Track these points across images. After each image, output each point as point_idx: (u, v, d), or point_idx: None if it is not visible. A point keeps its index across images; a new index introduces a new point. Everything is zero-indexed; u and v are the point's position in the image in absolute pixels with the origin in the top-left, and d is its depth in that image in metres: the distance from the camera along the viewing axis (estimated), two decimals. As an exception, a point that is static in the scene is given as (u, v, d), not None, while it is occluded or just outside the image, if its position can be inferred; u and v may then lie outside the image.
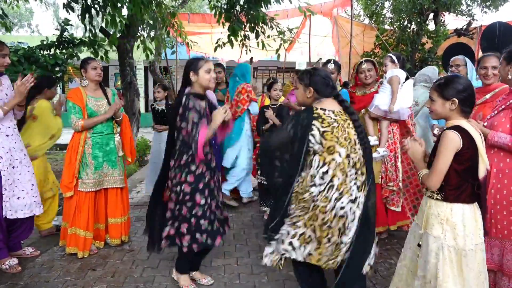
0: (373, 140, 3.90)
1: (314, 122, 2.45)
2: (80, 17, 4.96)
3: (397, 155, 4.02)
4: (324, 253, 2.49)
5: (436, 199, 2.25)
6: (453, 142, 2.13)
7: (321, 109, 2.51)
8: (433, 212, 2.24)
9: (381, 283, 3.29)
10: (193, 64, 3.02)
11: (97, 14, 5.12)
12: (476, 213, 2.22)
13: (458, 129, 2.16)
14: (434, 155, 2.23)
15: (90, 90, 3.85)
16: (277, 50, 6.57)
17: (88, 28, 4.81)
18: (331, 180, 2.43)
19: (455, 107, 2.20)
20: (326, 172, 2.44)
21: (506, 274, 2.75)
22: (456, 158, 2.15)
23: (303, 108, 2.68)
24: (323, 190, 2.43)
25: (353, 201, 2.45)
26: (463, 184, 2.20)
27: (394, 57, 4.03)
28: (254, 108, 5.20)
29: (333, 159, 2.44)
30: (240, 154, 5.25)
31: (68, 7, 5.04)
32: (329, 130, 2.45)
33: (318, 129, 2.44)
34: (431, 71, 4.80)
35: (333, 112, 2.52)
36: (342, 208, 2.42)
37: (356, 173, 2.48)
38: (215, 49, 6.36)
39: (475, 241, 2.18)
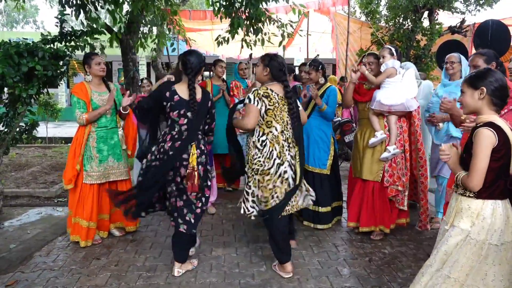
0: (379, 134, 3.92)
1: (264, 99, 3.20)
2: (73, 12, 5.03)
3: (407, 154, 3.98)
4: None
5: (469, 196, 2.19)
6: (488, 139, 2.07)
7: (270, 89, 3.25)
8: (463, 206, 2.20)
9: (375, 272, 3.39)
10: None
11: (96, 9, 5.18)
12: (508, 210, 2.17)
13: (491, 125, 2.10)
14: (469, 154, 2.16)
15: (94, 85, 3.94)
16: (281, 43, 6.65)
17: (86, 24, 4.89)
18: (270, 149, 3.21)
19: (484, 96, 2.15)
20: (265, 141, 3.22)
21: None
22: (492, 155, 2.09)
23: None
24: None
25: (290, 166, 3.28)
26: (497, 181, 2.14)
27: (393, 49, 3.95)
28: None
29: (270, 132, 3.23)
30: None
31: (65, 3, 5.10)
32: (271, 108, 3.21)
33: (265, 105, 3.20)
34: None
35: (278, 95, 3.26)
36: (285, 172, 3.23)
37: (289, 146, 3.28)
38: (218, 45, 6.45)
39: (505, 238, 2.12)
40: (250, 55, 7.33)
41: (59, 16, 4.67)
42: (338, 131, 7.50)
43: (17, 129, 4.63)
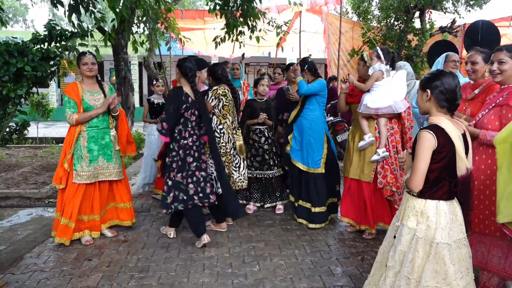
0: (367, 137, 3.95)
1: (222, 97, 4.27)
2: (67, 14, 4.99)
3: (400, 155, 3.97)
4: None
5: (413, 194, 2.26)
6: (428, 142, 2.13)
7: (227, 89, 4.31)
8: (409, 205, 2.27)
9: (367, 271, 3.35)
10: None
11: (87, 10, 5.14)
12: (455, 209, 2.22)
13: (433, 128, 2.16)
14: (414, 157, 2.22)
15: (86, 84, 3.94)
16: (278, 43, 6.70)
17: (76, 24, 4.85)
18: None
19: (429, 98, 2.22)
20: (222, 128, 4.32)
21: (490, 270, 2.81)
22: (433, 157, 2.15)
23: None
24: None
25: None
26: (439, 182, 2.19)
27: (380, 52, 3.91)
28: None
29: (225, 122, 4.31)
30: None
31: (57, 2, 5.05)
32: (227, 104, 4.28)
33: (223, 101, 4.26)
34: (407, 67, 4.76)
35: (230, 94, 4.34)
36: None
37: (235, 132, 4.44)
38: (216, 46, 6.45)
39: (455, 236, 2.17)
40: (243, 55, 7.35)
41: (49, 24, 4.62)
42: (330, 131, 7.54)
43: (7, 129, 4.60)
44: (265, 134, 4.89)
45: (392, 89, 3.86)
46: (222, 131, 4.31)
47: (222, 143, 4.31)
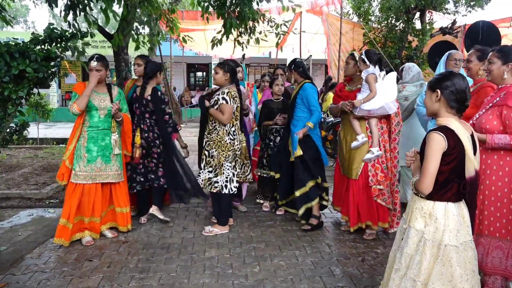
0: (360, 137, 3.99)
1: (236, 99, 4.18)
2: (63, 14, 4.96)
3: (388, 154, 4.03)
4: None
5: (421, 197, 2.24)
6: (438, 143, 2.11)
7: (235, 91, 4.21)
8: (417, 206, 2.25)
9: (368, 272, 3.42)
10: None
11: (82, 10, 5.13)
12: (463, 211, 2.21)
13: (443, 129, 2.14)
14: (423, 158, 2.21)
15: (96, 86, 3.97)
16: (277, 43, 6.68)
17: (72, 24, 4.84)
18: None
19: (439, 98, 2.21)
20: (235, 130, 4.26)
21: (487, 271, 2.81)
22: (443, 159, 2.13)
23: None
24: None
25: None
26: (448, 183, 2.17)
27: (364, 57, 3.97)
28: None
29: (236, 123, 4.27)
30: None
31: (52, 2, 5.03)
32: (239, 105, 4.27)
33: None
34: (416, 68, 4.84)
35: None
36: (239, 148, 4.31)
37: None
38: (212, 47, 6.43)
39: (463, 238, 2.16)
40: (243, 55, 7.34)
41: (49, 29, 4.62)
42: (330, 132, 7.55)
43: (8, 130, 4.59)
44: (280, 134, 4.92)
45: (383, 92, 3.93)
46: (235, 133, 4.22)
47: (237, 144, 4.23)
